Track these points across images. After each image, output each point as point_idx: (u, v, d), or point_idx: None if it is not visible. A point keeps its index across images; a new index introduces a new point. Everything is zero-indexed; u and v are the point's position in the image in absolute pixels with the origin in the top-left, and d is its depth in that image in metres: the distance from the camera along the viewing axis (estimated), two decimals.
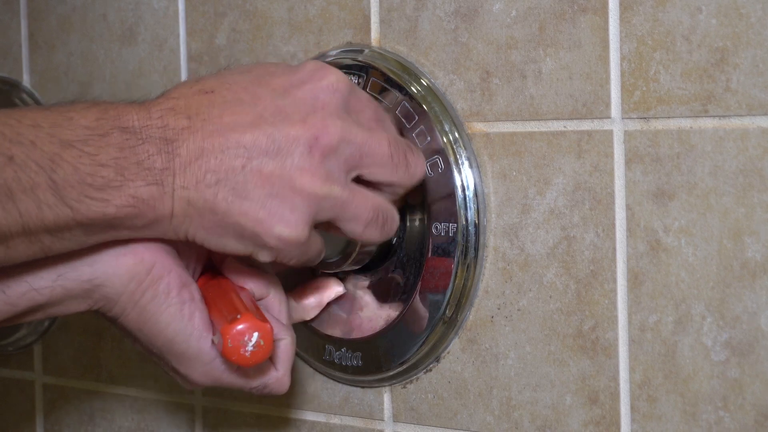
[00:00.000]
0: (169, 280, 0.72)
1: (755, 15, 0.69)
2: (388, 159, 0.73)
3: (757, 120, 0.69)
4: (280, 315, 0.77)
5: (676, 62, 0.72)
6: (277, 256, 0.71)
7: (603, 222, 0.76)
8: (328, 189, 0.70)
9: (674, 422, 0.73)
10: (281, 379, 0.75)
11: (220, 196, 0.68)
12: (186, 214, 0.68)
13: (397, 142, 0.75)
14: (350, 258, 0.82)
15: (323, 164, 0.70)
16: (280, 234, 0.69)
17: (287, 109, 0.70)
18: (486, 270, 0.81)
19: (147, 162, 0.66)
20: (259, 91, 0.71)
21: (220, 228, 0.69)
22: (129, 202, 0.66)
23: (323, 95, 0.72)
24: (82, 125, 0.66)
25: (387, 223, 0.75)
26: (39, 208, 0.64)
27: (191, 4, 0.96)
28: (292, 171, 0.69)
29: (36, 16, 1.08)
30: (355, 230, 0.73)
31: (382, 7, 0.85)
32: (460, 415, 0.82)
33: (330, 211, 0.71)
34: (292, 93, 0.71)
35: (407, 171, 0.75)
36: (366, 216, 0.72)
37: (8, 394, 1.14)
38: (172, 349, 0.73)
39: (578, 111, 0.76)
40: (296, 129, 0.69)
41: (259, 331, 0.69)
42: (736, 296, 0.71)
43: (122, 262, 0.71)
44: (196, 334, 0.73)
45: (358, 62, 0.84)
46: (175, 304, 0.72)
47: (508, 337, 0.80)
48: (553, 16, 0.77)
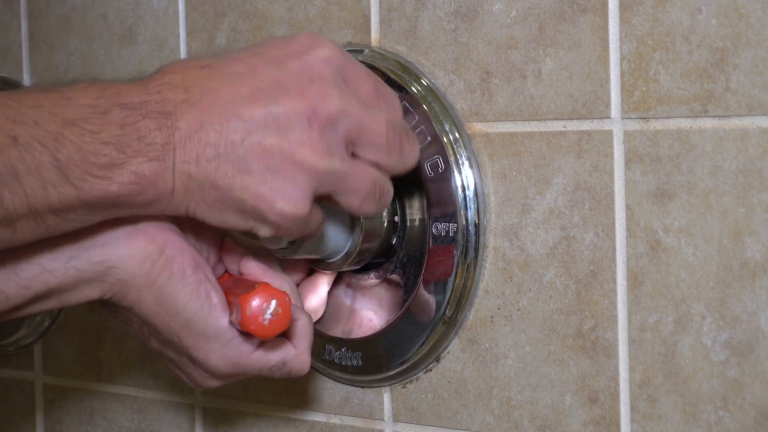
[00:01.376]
0: (183, 259, 0.73)
1: (755, 15, 0.69)
2: (384, 140, 0.73)
3: (757, 120, 0.69)
4: (295, 303, 0.77)
5: (676, 62, 0.72)
6: (278, 230, 0.71)
7: (603, 222, 0.76)
8: (329, 163, 0.69)
9: (674, 422, 0.73)
10: (300, 356, 0.75)
11: (221, 171, 0.68)
12: (187, 189, 0.68)
13: (395, 125, 0.74)
14: (350, 258, 0.82)
15: (323, 137, 0.69)
16: (281, 209, 0.69)
17: (284, 80, 0.70)
18: (486, 270, 0.81)
19: (148, 137, 0.66)
20: (254, 62, 0.70)
21: (221, 203, 0.69)
22: (131, 179, 0.66)
23: (318, 66, 0.71)
24: (82, 104, 0.66)
25: (383, 196, 0.74)
26: (44, 188, 0.64)
27: (191, 4, 0.96)
28: (293, 145, 0.68)
29: (36, 16, 1.08)
30: (353, 203, 0.72)
31: (382, 7, 0.85)
32: (460, 415, 0.82)
33: (330, 184, 0.70)
34: (287, 64, 0.71)
35: (400, 156, 0.74)
36: (364, 189, 0.72)
37: (8, 394, 1.14)
38: (191, 331, 0.73)
39: (578, 111, 0.76)
40: (294, 102, 0.69)
41: (277, 298, 0.70)
42: (736, 296, 0.71)
43: (134, 244, 0.71)
44: (215, 313, 0.73)
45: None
46: (192, 283, 0.73)
47: (508, 337, 0.80)
48: (553, 16, 0.77)
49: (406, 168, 0.75)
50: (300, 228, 0.71)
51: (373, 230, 0.82)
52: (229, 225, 0.70)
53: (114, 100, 0.67)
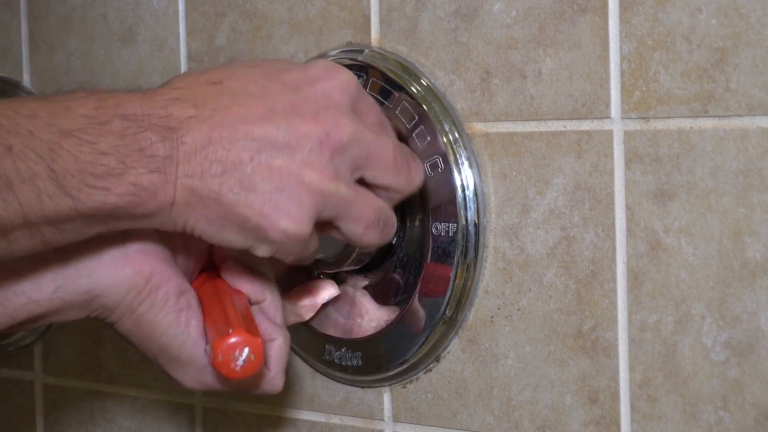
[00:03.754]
0: (168, 288, 0.72)
1: (755, 15, 0.69)
2: (392, 163, 0.73)
3: (757, 120, 0.69)
4: (275, 317, 0.76)
5: (676, 62, 0.72)
6: (277, 251, 0.70)
7: (603, 222, 0.76)
8: (336, 187, 0.69)
9: (674, 422, 0.73)
10: (273, 380, 0.75)
11: (226, 187, 0.67)
12: (188, 204, 0.67)
13: (401, 147, 0.75)
14: (350, 258, 0.82)
15: (332, 161, 0.69)
16: (285, 228, 0.68)
17: (299, 105, 0.70)
18: (486, 270, 0.81)
19: (149, 149, 0.65)
20: (269, 85, 0.70)
21: (223, 219, 0.68)
22: (130, 191, 0.65)
23: (335, 94, 0.71)
24: (80, 114, 0.65)
25: (387, 227, 0.74)
26: (39, 198, 0.63)
27: (191, 4, 0.96)
28: (301, 166, 0.68)
29: (36, 16, 1.08)
30: (356, 231, 0.73)
31: (382, 7, 0.85)
32: (460, 415, 0.82)
33: (334, 209, 0.70)
34: (303, 90, 0.71)
35: (408, 177, 0.75)
36: (368, 217, 0.72)
37: (8, 394, 1.14)
38: (167, 355, 0.74)
39: (578, 111, 0.76)
40: (308, 125, 0.69)
41: (250, 346, 0.70)
42: (736, 296, 0.71)
43: (121, 273, 0.71)
44: (191, 341, 0.73)
45: (358, 62, 0.84)
46: (173, 312, 0.72)
47: (508, 337, 0.80)
48: (553, 16, 0.77)
49: (414, 188, 0.76)
50: (299, 250, 0.71)
51: None
52: (227, 243, 0.70)
53: (114, 111, 0.66)
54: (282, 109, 0.69)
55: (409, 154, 0.76)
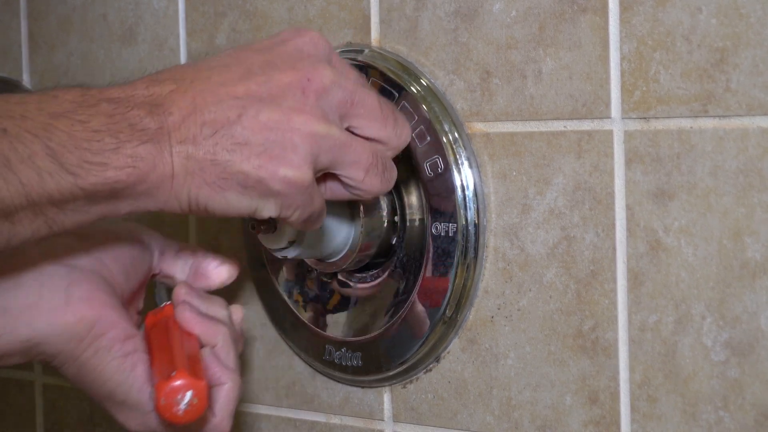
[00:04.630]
0: (113, 334, 0.72)
1: (755, 15, 0.69)
2: (378, 111, 0.73)
3: (757, 120, 0.69)
4: (227, 360, 0.75)
5: (676, 62, 0.72)
6: (282, 205, 0.70)
7: (603, 222, 0.76)
8: (327, 127, 0.69)
9: (674, 422, 0.73)
10: (219, 425, 0.74)
11: (220, 147, 0.67)
12: (187, 171, 0.67)
13: (385, 100, 0.74)
14: (350, 258, 0.82)
15: (318, 104, 0.70)
16: (285, 175, 0.68)
17: (274, 60, 0.70)
18: (486, 270, 0.81)
19: (139, 124, 0.66)
20: (242, 54, 0.71)
21: (223, 180, 0.68)
22: (127, 162, 0.65)
23: (307, 47, 0.72)
24: (68, 100, 0.66)
25: (387, 171, 0.73)
26: (40, 176, 0.63)
27: (191, 4, 0.96)
28: (289, 113, 0.68)
29: (36, 16, 1.08)
30: (357, 176, 0.72)
31: (382, 7, 0.85)
32: (460, 415, 0.82)
33: (330, 152, 0.70)
34: (276, 49, 0.72)
35: (395, 130, 0.74)
36: (366, 160, 0.72)
37: (8, 394, 1.14)
38: (112, 399, 0.73)
39: (578, 111, 0.76)
40: (287, 74, 0.70)
41: (193, 389, 0.69)
42: (736, 296, 0.71)
43: (61, 322, 0.71)
44: (137, 386, 0.73)
45: (358, 62, 0.84)
46: (118, 357, 0.72)
47: (508, 337, 0.80)
48: (553, 16, 0.77)
49: (402, 141, 0.75)
50: (303, 202, 0.70)
51: (373, 230, 0.82)
52: (233, 208, 0.69)
53: (99, 96, 0.67)
54: (258, 68, 0.70)
55: (394, 109, 0.75)
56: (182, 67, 0.70)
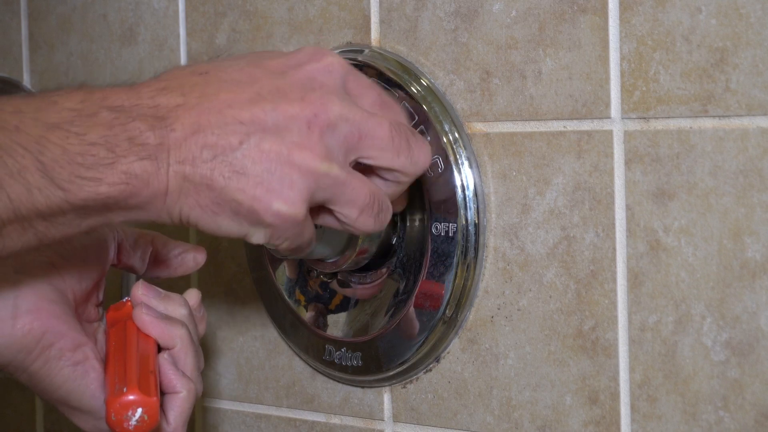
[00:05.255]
0: (62, 344, 0.72)
1: (755, 15, 0.69)
2: (389, 142, 0.71)
3: (757, 120, 0.69)
4: (184, 366, 0.75)
5: (676, 62, 0.72)
6: (271, 236, 0.70)
7: (603, 222, 0.76)
8: (327, 166, 0.69)
9: (674, 422, 0.73)
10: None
11: (217, 172, 0.67)
12: (181, 191, 0.67)
13: (400, 126, 0.72)
14: (350, 258, 0.82)
15: (322, 141, 0.69)
16: (278, 210, 0.68)
17: (285, 88, 0.69)
18: (486, 270, 0.81)
19: (139, 138, 0.65)
20: (255, 71, 0.70)
21: (216, 205, 0.68)
22: (121, 179, 0.65)
23: (321, 76, 0.71)
24: (66, 108, 0.65)
25: (382, 212, 0.73)
26: (29, 192, 0.63)
27: (191, 4, 0.96)
28: (291, 147, 0.68)
29: (36, 16, 1.08)
30: (350, 215, 0.71)
31: (382, 7, 0.85)
32: (460, 415, 0.82)
33: (327, 190, 0.69)
34: (289, 74, 0.70)
35: (409, 157, 0.72)
36: (363, 200, 0.71)
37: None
38: (66, 404, 0.74)
39: (578, 111, 0.76)
40: (295, 106, 0.69)
41: (143, 406, 0.69)
42: (736, 296, 0.71)
43: (9, 334, 0.71)
44: (89, 393, 0.73)
45: (358, 62, 0.84)
46: (68, 366, 0.73)
47: (508, 337, 0.80)
48: (553, 16, 0.77)
49: (418, 169, 0.73)
50: (294, 234, 0.70)
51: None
52: (223, 231, 0.69)
53: (101, 103, 0.66)
54: (268, 93, 0.69)
55: (410, 133, 0.73)
56: (191, 75, 0.69)
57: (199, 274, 0.97)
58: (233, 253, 0.95)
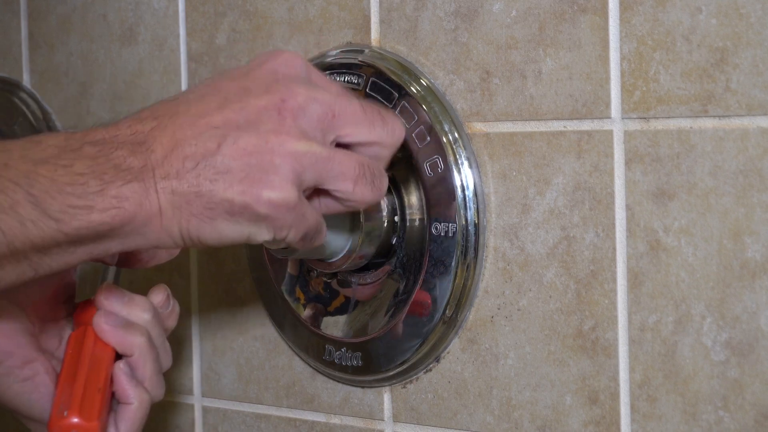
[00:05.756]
0: (10, 362, 0.74)
1: (755, 15, 0.69)
2: (362, 115, 0.72)
3: (757, 120, 0.69)
4: (142, 374, 0.76)
5: (676, 62, 0.72)
6: (274, 228, 0.70)
7: (603, 222, 0.76)
8: (307, 145, 0.69)
9: (674, 422, 0.73)
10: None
11: (203, 178, 0.67)
12: (174, 206, 0.68)
13: (369, 103, 0.74)
14: (351, 258, 0.82)
15: (296, 124, 0.69)
16: (269, 198, 0.68)
17: (249, 86, 0.71)
18: (486, 270, 0.81)
19: (123, 164, 0.66)
20: (219, 82, 0.72)
21: (209, 210, 0.68)
22: (112, 204, 0.66)
23: (282, 68, 0.72)
24: (51, 145, 0.66)
25: (377, 179, 0.73)
26: (22, 225, 0.64)
27: (191, 4, 0.96)
28: (267, 136, 0.69)
29: (36, 16, 1.08)
30: (346, 188, 0.71)
31: (382, 7, 0.85)
32: (460, 415, 0.82)
33: (313, 168, 0.70)
34: (250, 74, 0.72)
35: (384, 127, 0.73)
36: (353, 171, 0.71)
37: None
38: (20, 414, 0.76)
39: (578, 111, 0.76)
40: (262, 99, 0.70)
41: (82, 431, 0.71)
42: (736, 296, 0.71)
43: None
44: (38, 407, 0.75)
45: (358, 62, 0.84)
46: (18, 383, 0.74)
47: (508, 337, 0.80)
48: (553, 16, 0.77)
49: (396, 139, 0.74)
50: (295, 220, 0.70)
51: (373, 230, 0.82)
52: (226, 237, 0.70)
53: (83, 139, 0.67)
54: (234, 95, 0.70)
55: (380, 108, 0.74)
56: (162, 102, 0.71)
57: (199, 274, 0.97)
58: (233, 252, 0.95)
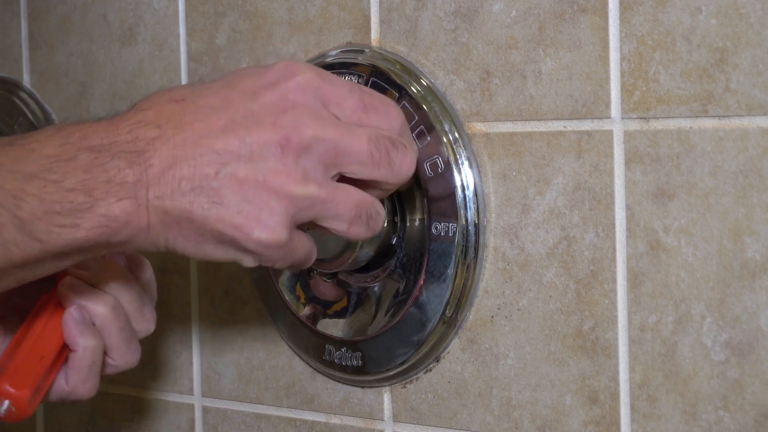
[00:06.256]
0: None
1: (755, 15, 0.69)
2: (367, 156, 0.71)
3: (757, 120, 0.69)
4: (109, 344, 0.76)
5: (676, 62, 0.72)
6: (261, 260, 0.70)
7: (603, 222, 0.76)
8: (304, 188, 0.69)
9: (674, 422, 0.73)
10: (75, 391, 0.76)
11: (196, 204, 0.67)
12: (163, 224, 0.68)
13: (379, 138, 0.72)
14: (350, 258, 0.82)
15: (297, 164, 0.69)
16: (258, 238, 0.68)
17: (258, 112, 0.69)
18: (486, 270, 0.81)
19: (118, 177, 0.66)
20: (229, 94, 0.70)
21: (199, 235, 0.68)
22: (100, 222, 0.66)
23: (292, 95, 0.71)
24: (44, 155, 0.66)
25: (372, 219, 0.73)
26: (6, 249, 0.64)
27: (191, 4, 0.96)
28: (267, 174, 0.68)
29: (36, 16, 1.08)
30: (340, 228, 0.72)
31: (382, 7, 0.85)
32: (460, 415, 0.82)
33: (309, 210, 0.70)
34: (261, 95, 0.70)
35: (391, 169, 0.73)
36: (348, 213, 0.71)
37: None
38: None
39: (578, 111, 0.76)
40: (267, 132, 0.69)
41: (10, 399, 0.73)
42: (736, 296, 0.71)
43: None
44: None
45: (358, 62, 0.84)
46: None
47: (508, 337, 0.80)
48: (553, 16, 0.77)
49: (402, 179, 0.74)
50: (284, 256, 0.70)
51: None
52: (210, 257, 0.70)
53: (80, 145, 0.66)
54: (241, 119, 0.69)
55: (390, 144, 0.73)
56: (169, 104, 0.70)
57: (198, 273, 0.97)
58: None
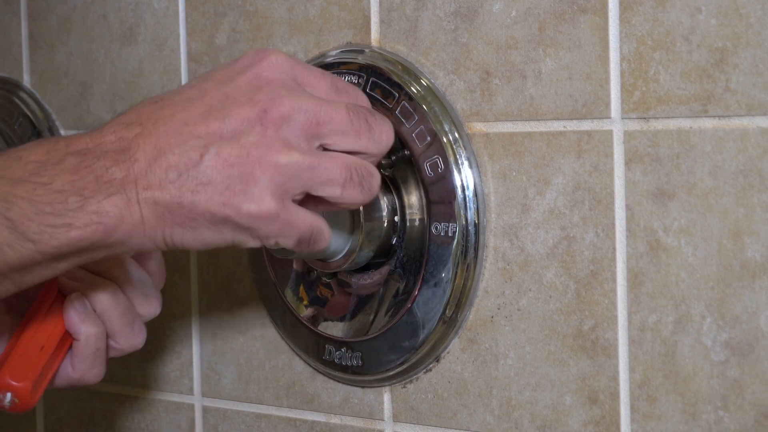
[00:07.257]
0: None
1: (755, 15, 0.69)
2: (348, 125, 0.72)
3: (757, 120, 0.69)
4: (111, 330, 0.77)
5: (676, 62, 0.72)
6: (260, 237, 0.70)
7: (603, 222, 0.76)
8: (288, 156, 0.69)
9: (674, 422, 0.73)
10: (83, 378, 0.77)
11: (185, 189, 0.68)
12: (157, 216, 0.68)
13: (356, 108, 0.73)
14: (351, 258, 0.82)
15: (278, 135, 0.69)
16: (248, 211, 0.68)
17: (233, 93, 0.70)
18: (486, 270, 0.81)
19: (105, 176, 0.66)
20: (204, 85, 0.71)
21: (192, 220, 0.69)
22: (92, 220, 0.66)
23: (266, 73, 0.71)
24: (31, 161, 0.66)
25: (365, 180, 0.73)
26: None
27: (191, 4, 0.96)
28: (248, 148, 0.69)
29: (36, 16, 1.08)
30: (334, 193, 0.71)
31: (382, 7, 0.85)
32: (460, 415, 0.82)
33: (297, 178, 0.70)
34: (235, 79, 0.71)
35: (371, 136, 0.73)
36: (339, 176, 0.71)
37: None
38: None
39: (578, 111, 0.76)
40: (245, 109, 0.69)
41: (12, 391, 0.75)
42: (736, 296, 0.71)
43: None
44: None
45: (358, 62, 0.84)
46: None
47: (508, 337, 0.80)
48: (553, 16, 0.77)
49: (383, 147, 0.74)
50: (281, 230, 0.70)
51: (373, 230, 0.82)
52: (209, 243, 0.70)
53: (66, 150, 0.67)
54: (218, 102, 0.70)
55: (368, 113, 0.74)
56: (148, 103, 0.71)
57: (199, 274, 0.97)
58: (233, 253, 0.95)
